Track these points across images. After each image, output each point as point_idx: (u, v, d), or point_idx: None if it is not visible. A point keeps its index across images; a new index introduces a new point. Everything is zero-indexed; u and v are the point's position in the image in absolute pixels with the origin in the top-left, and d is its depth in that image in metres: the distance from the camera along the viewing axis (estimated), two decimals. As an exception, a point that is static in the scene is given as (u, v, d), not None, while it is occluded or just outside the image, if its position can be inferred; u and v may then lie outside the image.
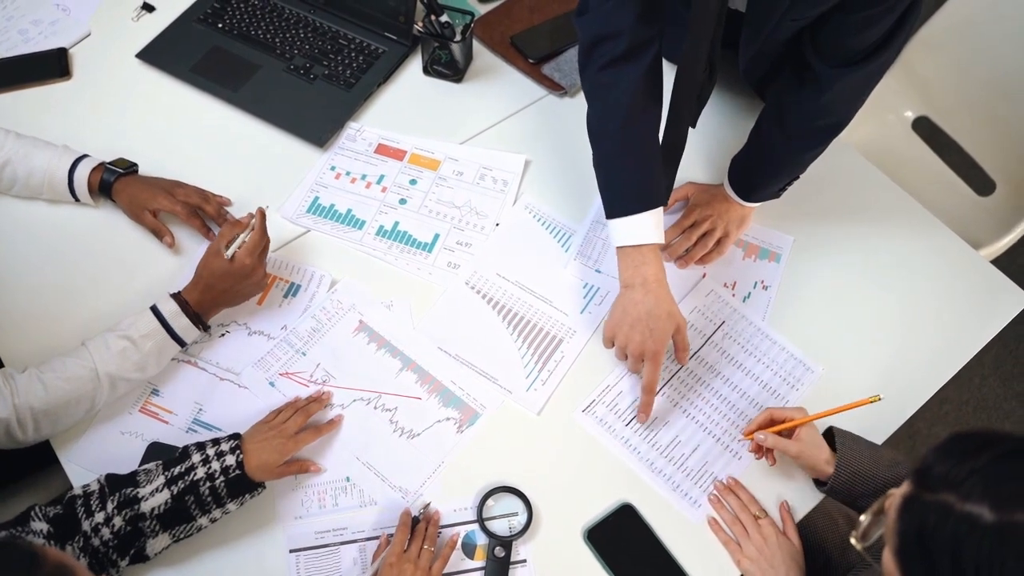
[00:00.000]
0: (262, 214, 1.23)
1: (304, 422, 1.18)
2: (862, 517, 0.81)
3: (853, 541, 0.82)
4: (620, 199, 1.19)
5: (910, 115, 1.91)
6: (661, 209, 1.20)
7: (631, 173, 1.19)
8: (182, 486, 1.05)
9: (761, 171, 1.33)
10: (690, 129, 1.30)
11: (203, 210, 1.36)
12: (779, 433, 1.17)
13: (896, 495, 0.75)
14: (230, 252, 1.20)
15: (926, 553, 0.70)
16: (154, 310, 1.17)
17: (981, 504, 0.67)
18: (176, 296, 1.20)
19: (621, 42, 1.13)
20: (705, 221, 1.37)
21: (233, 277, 1.20)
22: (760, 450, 1.20)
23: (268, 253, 1.26)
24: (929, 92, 1.87)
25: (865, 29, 1.06)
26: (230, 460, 1.08)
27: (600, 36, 1.15)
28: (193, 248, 1.36)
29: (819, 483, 1.18)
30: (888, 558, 0.75)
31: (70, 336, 1.24)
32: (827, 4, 1.05)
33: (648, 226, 1.18)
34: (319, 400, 1.23)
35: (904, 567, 0.73)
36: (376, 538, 1.14)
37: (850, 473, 1.13)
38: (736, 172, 1.36)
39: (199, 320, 1.20)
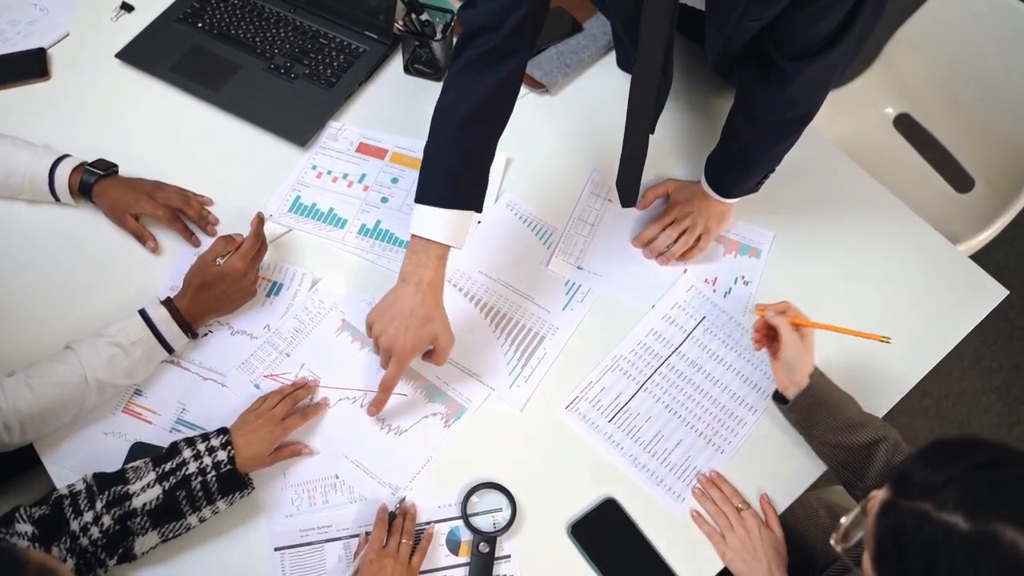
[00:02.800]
0: (260, 219, 1.23)
1: (290, 408, 1.18)
2: (843, 520, 0.82)
3: (833, 543, 0.83)
4: (432, 188, 1.15)
5: (891, 112, 1.92)
6: (468, 217, 1.17)
7: (451, 169, 1.16)
8: (174, 481, 1.05)
9: (735, 167, 1.34)
10: (666, 132, 1.31)
11: (184, 213, 1.35)
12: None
13: (876, 498, 0.76)
14: (222, 260, 1.20)
15: (902, 558, 0.72)
16: (144, 315, 1.17)
17: (956, 513, 0.69)
18: (166, 303, 1.19)
19: (496, 38, 1.13)
20: (685, 218, 1.38)
21: (224, 281, 1.20)
22: (761, 332, 1.22)
23: (261, 260, 1.25)
24: (910, 89, 1.88)
25: (819, 21, 1.07)
26: (221, 455, 1.08)
27: (480, 28, 1.14)
28: (176, 248, 1.36)
29: (780, 400, 1.22)
30: (867, 563, 0.76)
31: (52, 336, 1.24)
32: (782, 3, 1.06)
33: (447, 224, 1.15)
34: (306, 387, 1.23)
35: (880, 571, 0.75)
36: (358, 536, 1.14)
37: (814, 400, 1.17)
38: (712, 170, 1.37)
39: (188, 327, 1.20)
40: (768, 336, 1.22)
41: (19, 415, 1.08)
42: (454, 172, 1.16)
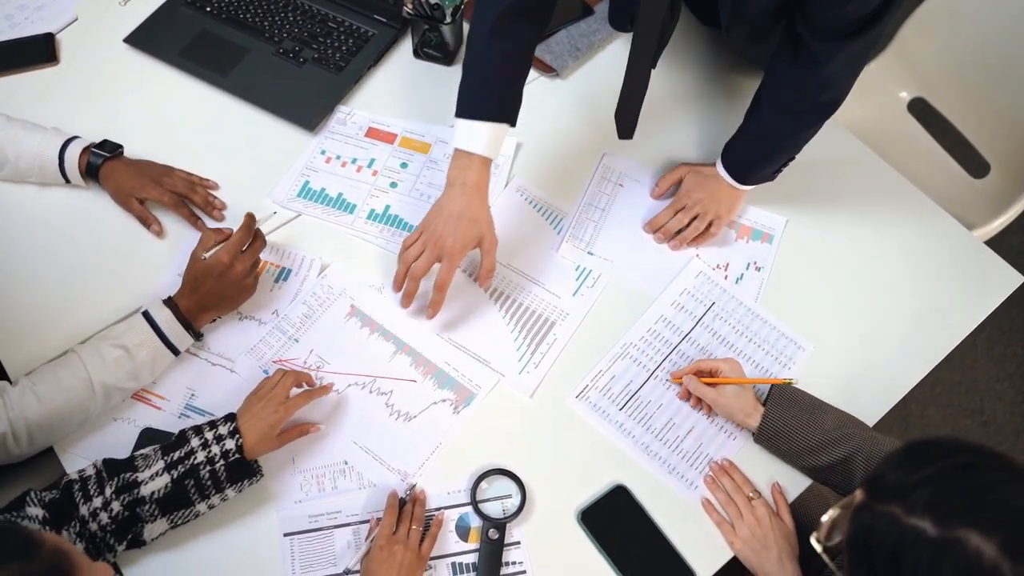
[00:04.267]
0: (250, 217, 1.22)
1: (293, 383, 1.17)
2: (823, 518, 0.82)
3: (813, 541, 0.83)
4: (470, 101, 1.21)
5: (905, 96, 1.90)
6: (503, 130, 1.22)
7: (486, 82, 1.21)
8: (182, 470, 1.05)
9: (759, 152, 1.33)
10: (677, 110, 1.29)
11: (190, 199, 1.35)
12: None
13: (854, 499, 0.77)
14: (208, 255, 1.19)
15: (870, 561, 0.72)
16: (147, 316, 1.16)
17: (924, 518, 0.69)
18: (168, 302, 1.19)
19: None
20: (697, 204, 1.37)
21: (211, 276, 1.19)
22: (689, 396, 1.25)
23: (258, 256, 1.24)
24: (925, 73, 1.86)
25: (847, 2, 1.05)
26: (229, 444, 1.07)
27: None
28: (185, 232, 1.35)
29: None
30: (845, 563, 0.77)
31: (62, 320, 1.25)
32: None
33: (484, 137, 1.20)
34: (307, 376, 1.21)
35: (851, 572, 0.75)
36: (368, 522, 1.14)
37: (772, 433, 1.18)
38: (731, 155, 1.36)
39: (190, 327, 1.20)
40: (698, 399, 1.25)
41: (27, 423, 1.08)
42: (487, 85, 1.21)
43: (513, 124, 1.23)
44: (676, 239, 1.37)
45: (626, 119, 1.35)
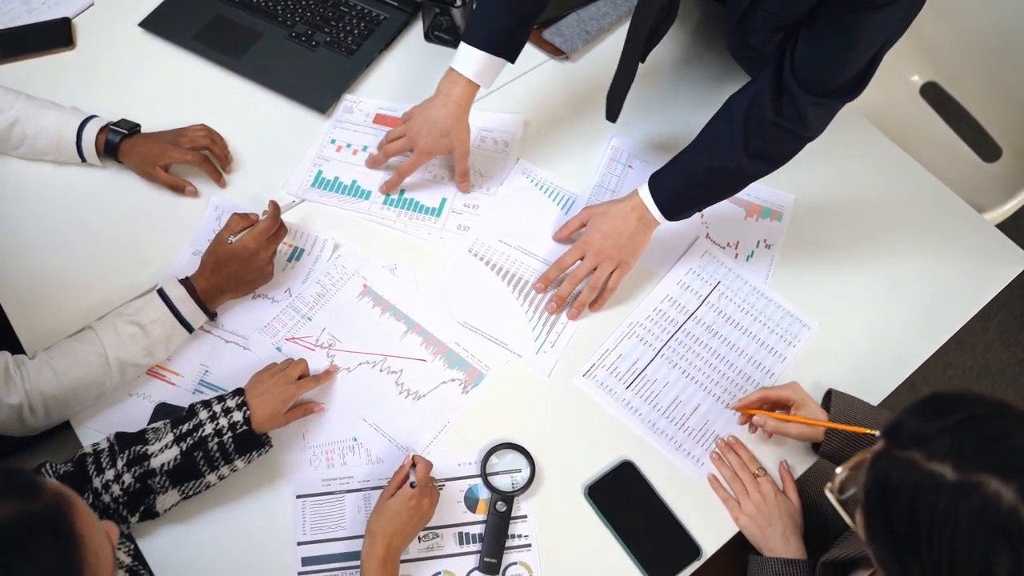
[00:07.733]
0: (275, 205, 1.24)
1: (303, 370, 1.19)
2: (838, 469, 0.82)
3: (827, 492, 0.83)
4: (475, 30, 1.28)
5: (918, 80, 1.89)
6: (500, 63, 1.30)
7: (493, 16, 1.28)
8: (191, 442, 1.07)
9: (699, 188, 1.26)
10: (697, 105, 1.30)
11: (211, 151, 1.37)
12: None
13: (872, 450, 0.77)
14: (235, 239, 1.21)
15: (887, 506, 0.73)
16: (161, 294, 1.18)
17: (944, 463, 0.69)
18: (184, 281, 1.21)
19: None
20: (598, 252, 1.27)
21: (235, 261, 1.21)
22: (751, 425, 1.21)
23: (278, 244, 1.26)
24: (938, 57, 1.85)
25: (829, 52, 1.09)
26: (237, 416, 1.09)
27: None
28: (197, 213, 1.37)
29: (816, 446, 1.20)
30: (859, 515, 0.77)
31: (76, 299, 1.27)
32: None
33: (475, 64, 1.28)
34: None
35: (867, 520, 0.76)
36: (379, 488, 1.16)
37: (840, 440, 1.15)
38: (665, 185, 1.26)
39: (205, 307, 1.21)
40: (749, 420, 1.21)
41: (43, 397, 1.10)
42: (493, 20, 1.28)
43: (512, 61, 1.30)
44: (573, 307, 1.30)
45: (613, 104, 1.39)
